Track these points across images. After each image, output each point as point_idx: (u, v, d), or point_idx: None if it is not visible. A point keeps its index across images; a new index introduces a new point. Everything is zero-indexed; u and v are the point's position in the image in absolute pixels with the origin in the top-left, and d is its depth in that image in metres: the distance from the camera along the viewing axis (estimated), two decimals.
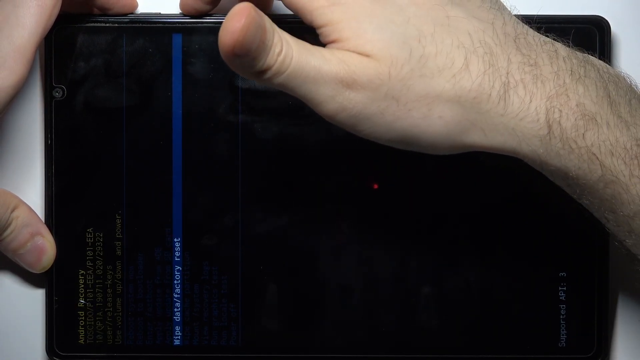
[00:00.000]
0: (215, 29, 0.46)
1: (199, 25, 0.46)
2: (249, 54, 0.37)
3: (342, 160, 0.47)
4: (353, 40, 0.38)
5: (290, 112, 0.47)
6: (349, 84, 0.38)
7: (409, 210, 0.47)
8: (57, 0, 0.43)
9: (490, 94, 0.38)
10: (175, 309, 0.47)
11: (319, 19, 0.39)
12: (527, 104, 0.38)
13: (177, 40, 0.46)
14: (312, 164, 0.47)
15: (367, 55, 0.38)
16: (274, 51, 0.37)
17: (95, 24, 0.46)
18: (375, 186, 0.47)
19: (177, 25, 0.46)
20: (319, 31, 0.39)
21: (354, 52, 0.38)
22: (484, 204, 0.47)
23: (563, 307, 0.47)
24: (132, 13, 0.47)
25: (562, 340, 0.47)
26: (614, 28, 0.46)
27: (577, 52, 0.40)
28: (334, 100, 0.38)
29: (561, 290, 0.47)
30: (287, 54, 0.37)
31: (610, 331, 0.48)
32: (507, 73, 0.38)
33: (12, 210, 0.46)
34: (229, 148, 0.47)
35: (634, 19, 0.47)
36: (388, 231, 0.47)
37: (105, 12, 0.46)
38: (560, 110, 0.38)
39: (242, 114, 0.47)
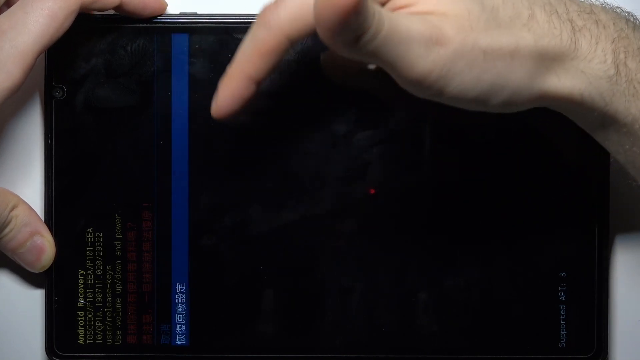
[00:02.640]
0: (215, 29, 0.46)
1: (200, 25, 0.46)
2: (359, 14, 0.34)
3: (342, 162, 0.47)
4: (423, 2, 0.38)
5: (290, 112, 0.47)
6: (438, 39, 0.37)
7: (408, 212, 0.47)
8: (69, 14, 0.43)
9: (561, 39, 0.39)
10: (176, 309, 0.47)
11: None
12: (595, 46, 0.39)
13: (177, 40, 0.46)
14: (311, 165, 0.47)
15: (443, 14, 0.38)
16: (370, 12, 0.35)
17: (96, 24, 0.46)
18: (372, 191, 0.47)
19: (177, 25, 0.46)
20: (385, 5, 0.38)
21: (428, 12, 0.38)
22: (483, 205, 0.47)
23: (563, 307, 0.47)
24: (162, 15, 0.46)
25: (562, 340, 0.47)
26: None
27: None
28: (426, 60, 0.37)
29: (561, 290, 0.47)
30: (380, 15, 0.36)
31: (610, 332, 0.48)
32: (570, 19, 0.39)
33: (12, 209, 0.46)
34: (229, 148, 0.47)
35: None
36: (387, 233, 0.47)
37: (136, 17, 0.46)
38: (626, 52, 0.39)
39: (242, 114, 0.46)
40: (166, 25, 0.46)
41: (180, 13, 0.47)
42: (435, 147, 0.47)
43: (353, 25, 0.35)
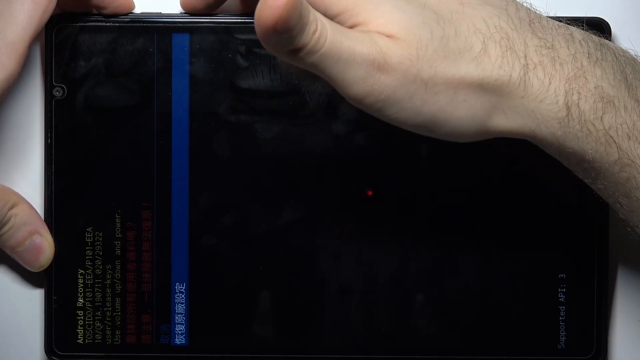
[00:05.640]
0: (215, 29, 0.46)
1: (200, 25, 0.46)
2: (289, 31, 0.36)
3: (342, 163, 0.47)
4: (373, 22, 0.38)
5: (290, 112, 0.47)
6: (380, 65, 0.37)
7: (409, 213, 0.47)
8: None
9: (510, 76, 0.38)
10: (176, 309, 0.47)
11: (334, 7, 0.38)
12: (547, 86, 0.38)
13: (178, 40, 0.46)
14: (311, 166, 0.47)
15: (391, 36, 0.37)
16: (310, 29, 0.36)
17: (96, 23, 0.46)
18: (370, 193, 0.47)
19: (178, 25, 0.46)
20: (335, 20, 0.38)
21: (377, 33, 0.38)
22: (482, 206, 0.47)
23: (562, 308, 0.47)
24: (128, 13, 0.46)
25: (562, 341, 0.47)
26: (614, 29, 0.46)
27: (592, 35, 0.40)
28: (365, 83, 0.37)
29: (560, 291, 0.47)
30: (322, 33, 0.37)
31: (610, 333, 0.48)
32: (525, 56, 0.38)
33: (11, 208, 0.46)
34: (229, 148, 0.47)
35: (634, 20, 0.47)
36: (386, 234, 0.47)
37: (100, 12, 0.46)
38: (579, 93, 0.38)
39: (242, 114, 0.47)
40: (167, 24, 0.46)
41: (181, 13, 0.47)
42: (435, 147, 0.47)
43: (284, 40, 0.36)
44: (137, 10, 0.47)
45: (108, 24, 0.46)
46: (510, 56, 0.38)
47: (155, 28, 0.46)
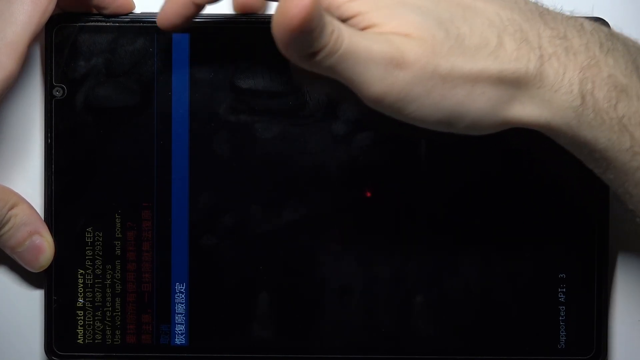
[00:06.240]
0: (215, 29, 0.46)
1: (200, 25, 0.46)
2: (312, 31, 0.35)
3: (342, 163, 0.47)
4: (388, 24, 0.38)
5: (290, 112, 0.47)
6: (398, 62, 0.37)
7: (409, 213, 0.47)
8: None
9: (527, 68, 0.38)
10: (176, 309, 0.47)
11: (348, 11, 0.38)
12: (562, 75, 0.38)
13: (178, 40, 0.46)
14: (311, 166, 0.47)
15: (407, 35, 0.38)
16: (328, 30, 0.36)
17: (96, 23, 0.46)
18: (368, 194, 0.47)
19: None
20: (348, 23, 0.38)
21: (392, 32, 0.38)
22: (482, 206, 0.47)
23: (562, 308, 0.47)
24: (128, 13, 0.46)
25: (562, 341, 0.47)
26: (614, 29, 0.46)
27: (601, 26, 0.40)
28: (383, 82, 0.37)
29: (560, 291, 0.47)
30: (340, 34, 0.36)
31: (609, 333, 0.48)
32: (540, 47, 0.39)
33: (11, 208, 0.46)
34: (229, 148, 0.47)
35: (634, 20, 0.47)
36: (386, 234, 0.47)
37: (100, 12, 0.46)
38: (593, 81, 0.39)
39: (242, 114, 0.47)
40: None
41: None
42: (435, 148, 0.47)
43: (305, 42, 0.36)
44: (137, 10, 0.47)
45: (108, 24, 0.46)
46: (526, 48, 0.38)
47: (155, 28, 0.46)
